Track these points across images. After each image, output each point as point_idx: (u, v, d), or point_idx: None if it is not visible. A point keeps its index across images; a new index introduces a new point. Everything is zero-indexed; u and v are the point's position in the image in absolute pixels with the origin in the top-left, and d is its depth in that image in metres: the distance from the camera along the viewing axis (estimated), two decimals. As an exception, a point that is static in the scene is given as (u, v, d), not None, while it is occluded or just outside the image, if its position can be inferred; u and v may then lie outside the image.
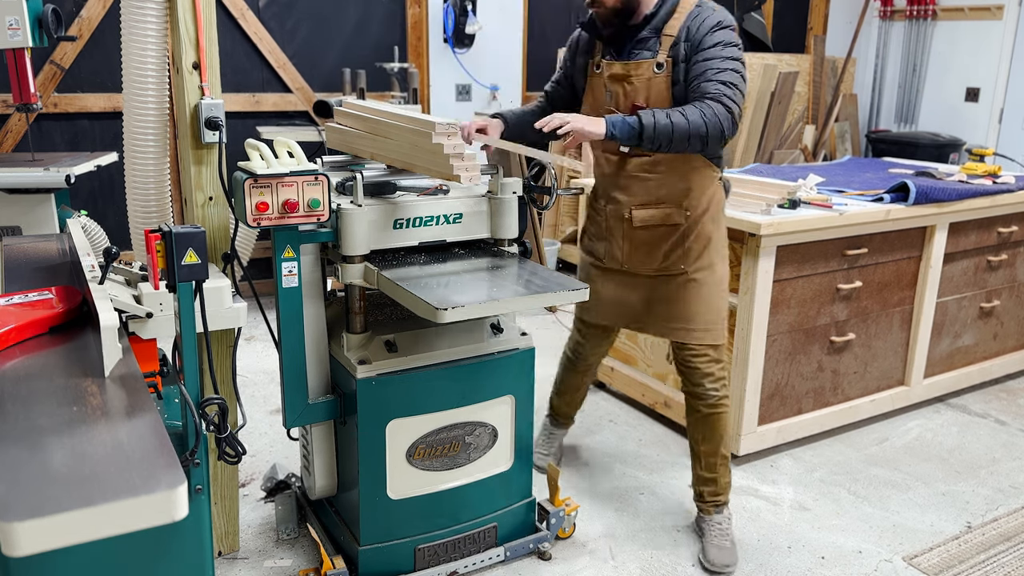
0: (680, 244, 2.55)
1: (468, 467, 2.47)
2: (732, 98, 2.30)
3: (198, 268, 1.50)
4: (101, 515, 1.03)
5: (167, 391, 1.75)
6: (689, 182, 2.50)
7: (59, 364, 1.50)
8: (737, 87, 2.32)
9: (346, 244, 2.21)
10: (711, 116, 2.27)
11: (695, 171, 2.50)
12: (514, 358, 2.46)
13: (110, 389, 1.39)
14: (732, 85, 2.30)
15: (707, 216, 2.54)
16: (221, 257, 2.41)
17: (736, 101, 2.30)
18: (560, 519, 2.72)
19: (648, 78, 2.41)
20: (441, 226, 2.35)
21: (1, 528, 0.98)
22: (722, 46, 2.34)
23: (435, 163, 2.16)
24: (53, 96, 4.61)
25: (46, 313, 1.65)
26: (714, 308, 2.59)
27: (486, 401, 2.44)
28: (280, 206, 2.08)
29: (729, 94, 2.30)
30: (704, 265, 2.58)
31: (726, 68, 2.31)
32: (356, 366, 2.26)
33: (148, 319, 1.82)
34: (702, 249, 2.56)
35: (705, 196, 2.53)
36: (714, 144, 2.32)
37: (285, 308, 2.26)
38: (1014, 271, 3.96)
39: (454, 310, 1.93)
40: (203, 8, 2.27)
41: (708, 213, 2.54)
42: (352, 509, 2.43)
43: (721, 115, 2.27)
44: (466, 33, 5.38)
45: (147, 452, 1.17)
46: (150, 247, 1.48)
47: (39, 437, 1.20)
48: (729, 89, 2.30)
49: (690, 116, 2.27)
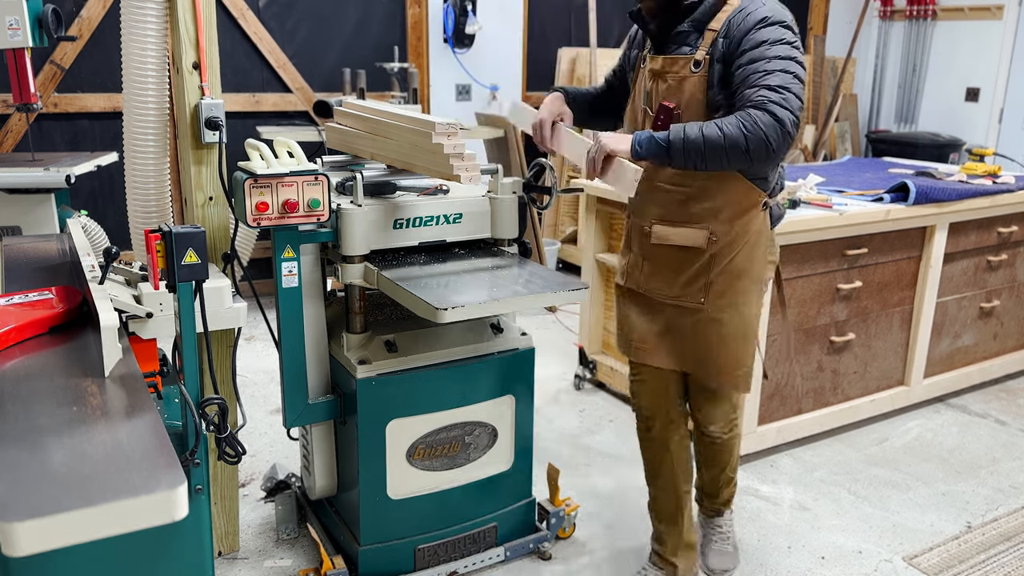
0: (703, 274, 2.21)
1: (468, 467, 2.47)
2: (782, 104, 1.94)
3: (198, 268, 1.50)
4: (101, 515, 1.03)
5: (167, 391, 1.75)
6: (721, 202, 2.15)
7: (59, 364, 1.50)
8: (789, 90, 1.95)
9: (346, 244, 2.21)
10: (752, 128, 1.93)
11: (731, 190, 2.15)
12: (514, 358, 2.46)
13: (110, 389, 1.39)
14: (781, 89, 1.95)
15: (741, 246, 2.19)
16: (221, 257, 2.41)
17: (788, 107, 1.94)
18: (560, 519, 2.72)
19: (683, 77, 2.13)
20: (441, 226, 2.35)
21: (1, 528, 0.98)
22: (768, 44, 2.01)
23: (435, 163, 2.16)
24: (53, 96, 4.61)
25: (46, 313, 1.65)
26: (734, 355, 2.26)
27: (486, 401, 2.44)
28: (280, 206, 2.08)
29: (777, 99, 1.94)
30: (728, 304, 2.22)
31: (774, 70, 1.98)
32: (356, 366, 2.26)
33: (148, 319, 1.82)
34: (728, 285, 2.21)
35: (740, 221, 2.17)
36: (760, 161, 1.98)
37: (285, 308, 2.26)
38: (1014, 271, 3.96)
39: (454, 310, 1.93)
40: (203, 8, 2.27)
41: (743, 242, 2.19)
42: (352, 509, 2.43)
43: (766, 126, 1.92)
44: (466, 33, 5.38)
45: (147, 452, 1.17)
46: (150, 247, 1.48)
47: (39, 437, 1.20)
48: (777, 94, 1.95)
49: (727, 129, 1.95)
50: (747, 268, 2.21)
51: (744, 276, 2.21)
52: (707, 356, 2.27)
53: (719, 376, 2.29)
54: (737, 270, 2.20)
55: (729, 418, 2.44)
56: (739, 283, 2.21)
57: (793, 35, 2.04)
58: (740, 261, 2.20)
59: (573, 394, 3.93)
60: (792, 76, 1.97)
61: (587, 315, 3.95)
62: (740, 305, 2.23)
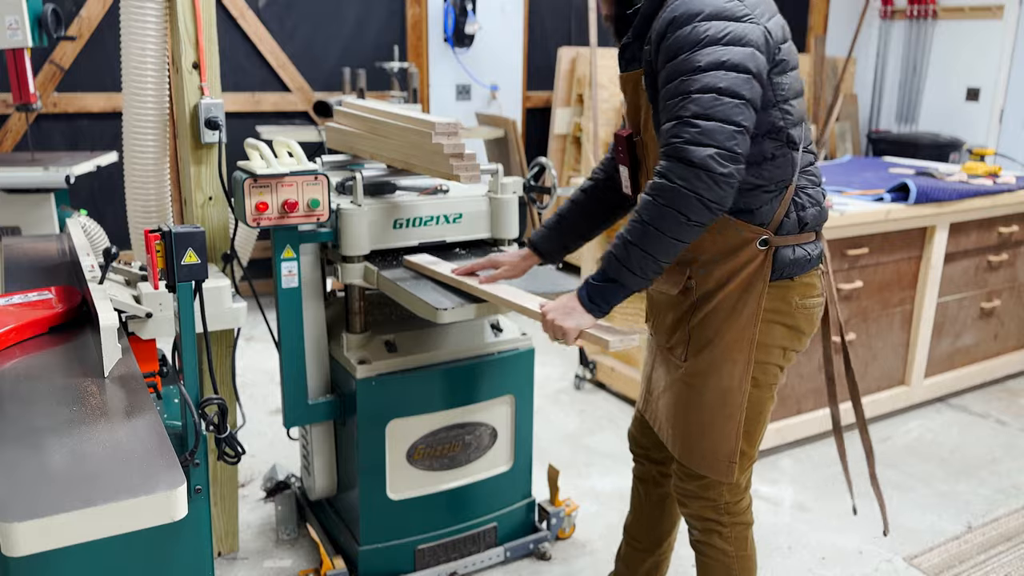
0: (682, 323, 1.82)
1: (468, 467, 2.47)
2: (696, 140, 1.52)
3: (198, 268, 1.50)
4: (100, 515, 1.03)
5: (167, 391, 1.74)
6: (706, 240, 1.72)
7: (59, 364, 1.50)
8: (710, 115, 1.53)
9: (346, 244, 2.21)
10: (666, 193, 1.55)
11: (715, 227, 1.70)
12: (514, 358, 2.46)
13: (110, 389, 1.39)
14: (697, 120, 1.53)
15: (724, 296, 1.75)
16: (221, 257, 2.40)
17: (707, 141, 1.52)
18: (560, 519, 2.71)
19: (636, 96, 1.79)
20: (441, 226, 2.35)
21: (1, 528, 0.98)
22: (686, 54, 1.57)
23: (435, 163, 2.16)
24: (53, 96, 4.61)
25: (46, 313, 1.65)
26: (707, 434, 1.82)
27: (486, 401, 2.44)
28: (280, 206, 2.08)
29: (690, 136, 1.53)
30: (704, 368, 1.79)
31: (690, 91, 1.55)
32: (356, 366, 2.26)
33: (148, 319, 1.82)
34: (707, 341, 1.78)
35: (725, 266, 1.73)
36: (705, 217, 1.57)
37: (285, 308, 2.26)
38: (1014, 271, 3.96)
39: (454, 310, 1.93)
40: (203, 8, 2.27)
41: (727, 293, 1.74)
42: (352, 509, 2.43)
43: (681, 180, 1.53)
44: (466, 33, 5.38)
45: (147, 452, 1.17)
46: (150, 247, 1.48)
47: (39, 437, 1.20)
48: (690, 129, 1.53)
49: (645, 214, 1.58)
50: (729, 326, 1.75)
51: (726, 336, 1.76)
52: (676, 422, 1.88)
53: (685, 452, 1.88)
54: (715, 326, 1.76)
55: (705, 515, 1.93)
56: (722, 340, 1.76)
57: (719, 26, 1.57)
58: (721, 315, 1.76)
59: (573, 394, 3.92)
60: (713, 94, 1.54)
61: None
62: (724, 370, 1.77)
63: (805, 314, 1.80)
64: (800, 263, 1.76)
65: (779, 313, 1.77)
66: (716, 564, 1.97)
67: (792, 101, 1.71)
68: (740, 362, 1.77)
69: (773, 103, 1.68)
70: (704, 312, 1.78)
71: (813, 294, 1.81)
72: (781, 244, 1.73)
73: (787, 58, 1.70)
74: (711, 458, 1.84)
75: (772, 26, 1.67)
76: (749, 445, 1.87)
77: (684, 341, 1.82)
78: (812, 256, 1.78)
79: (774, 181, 1.72)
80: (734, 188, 1.57)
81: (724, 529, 1.93)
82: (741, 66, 1.56)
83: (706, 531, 1.95)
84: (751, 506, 1.99)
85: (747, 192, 1.70)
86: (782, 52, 1.68)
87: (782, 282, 1.76)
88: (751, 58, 1.58)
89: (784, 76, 1.69)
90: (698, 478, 1.90)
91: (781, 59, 1.68)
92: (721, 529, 1.93)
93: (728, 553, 1.94)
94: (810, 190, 1.78)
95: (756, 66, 1.59)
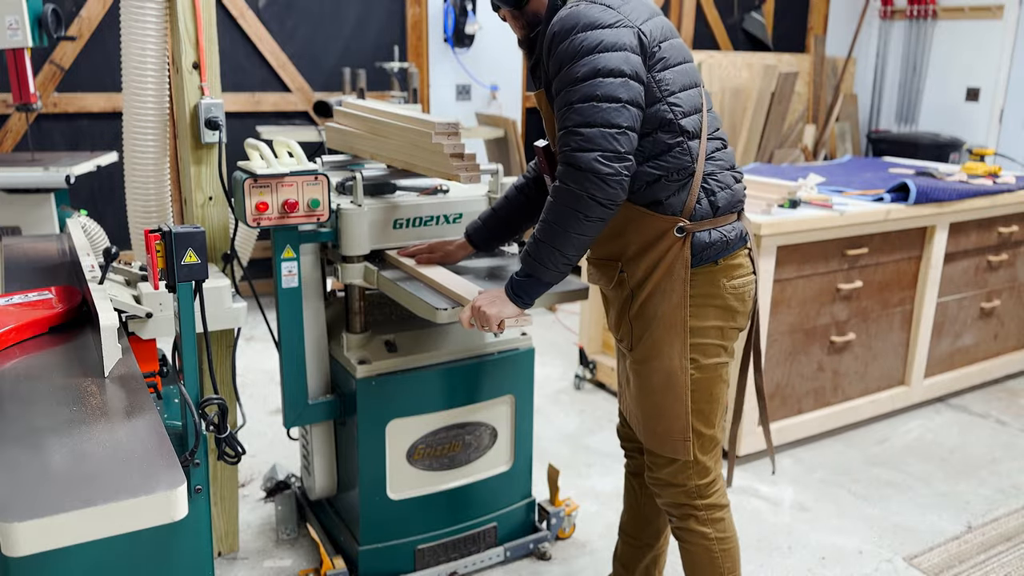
0: (623, 315, 1.94)
1: (468, 467, 2.47)
2: (581, 146, 1.67)
3: (198, 268, 1.50)
4: (101, 515, 1.03)
5: (167, 391, 1.74)
6: (631, 234, 1.86)
7: (59, 364, 1.50)
8: (591, 122, 1.66)
9: (346, 244, 2.21)
10: (562, 195, 1.70)
11: (631, 220, 1.84)
12: (514, 358, 2.46)
13: (110, 389, 1.39)
14: (580, 128, 1.67)
15: (653, 285, 1.85)
16: (221, 257, 2.40)
17: (589, 145, 1.66)
18: (560, 519, 2.71)
19: (545, 111, 1.91)
20: (441, 226, 2.35)
21: (1, 528, 0.98)
22: (567, 68, 1.70)
23: (435, 163, 2.16)
24: (53, 96, 4.61)
25: (46, 313, 1.65)
26: (660, 415, 1.92)
27: (486, 401, 2.44)
28: (280, 206, 2.08)
29: (576, 143, 1.67)
30: (645, 356, 1.90)
31: (570, 102, 1.69)
32: (356, 366, 2.26)
33: (148, 319, 1.82)
34: (645, 328, 1.89)
35: (649, 257, 1.84)
36: (600, 214, 1.70)
37: (285, 308, 2.26)
38: (1014, 271, 3.96)
39: (453, 310, 1.93)
40: (203, 8, 2.27)
41: (655, 282, 1.84)
42: (352, 509, 2.43)
43: (574, 182, 1.68)
44: (466, 33, 5.38)
45: (147, 452, 1.17)
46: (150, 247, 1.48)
47: (39, 437, 1.20)
48: (575, 137, 1.68)
49: (548, 213, 1.74)
50: (662, 312, 1.85)
51: (660, 321, 1.86)
52: (637, 408, 1.99)
53: (647, 436, 1.97)
54: (649, 314, 1.87)
55: (679, 501, 1.99)
56: (655, 329, 1.87)
57: (593, 36, 1.69)
58: (654, 304, 1.86)
59: (573, 394, 3.92)
60: (592, 102, 1.66)
61: (587, 315, 3.95)
62: (664, 356, 1.88)
63: (735, 294, 1.89)
64: (718, 246, 1.84)
65: (710, 296, 1.86)
66: (697, 548, 2.02)
67: (679, 94, 1.80)
68: (676, 344, 1.87)
69: (659, 98, 1.77)
70: (639, 302, 1.88)
71: (741, 274, 1.90)
72: (697, 229, 1.82)
73: (668, 55, 1.80)
74: (667, 438, 1.93)
75: (650, 27, 1.77)
76: (706, 425, 1.94)
77: (628, 332, 1.94)
78: (730, 238, 1.86)
79: (676, 170, 1.80)
80: (623, 183, 1.69)
81: (699, 513, 1.99)
82: (616, 71, 1.68)
83: (683, 517, 2.01)
84: (724, 488, 2.04)
85: (653, 184, 1.81)
86: (662, 50, 1.79)
87: (707, 267, 1.85)
88: (624, 61, 1.70)
89: (667, 72, 1.79)
90: (666, 464, 1.97)
91: (661, 56, 1.78)
92: (696, 513, 1.99)
93: (707, 536, 2.00)
94: (718, 175, 1.86)
95: (631, 67, 1.70)
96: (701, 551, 2.01)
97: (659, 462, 1.98)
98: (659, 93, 1.77)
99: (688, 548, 2.04)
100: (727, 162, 1.89)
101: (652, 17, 1.81)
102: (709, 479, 1.98)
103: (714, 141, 1.87)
